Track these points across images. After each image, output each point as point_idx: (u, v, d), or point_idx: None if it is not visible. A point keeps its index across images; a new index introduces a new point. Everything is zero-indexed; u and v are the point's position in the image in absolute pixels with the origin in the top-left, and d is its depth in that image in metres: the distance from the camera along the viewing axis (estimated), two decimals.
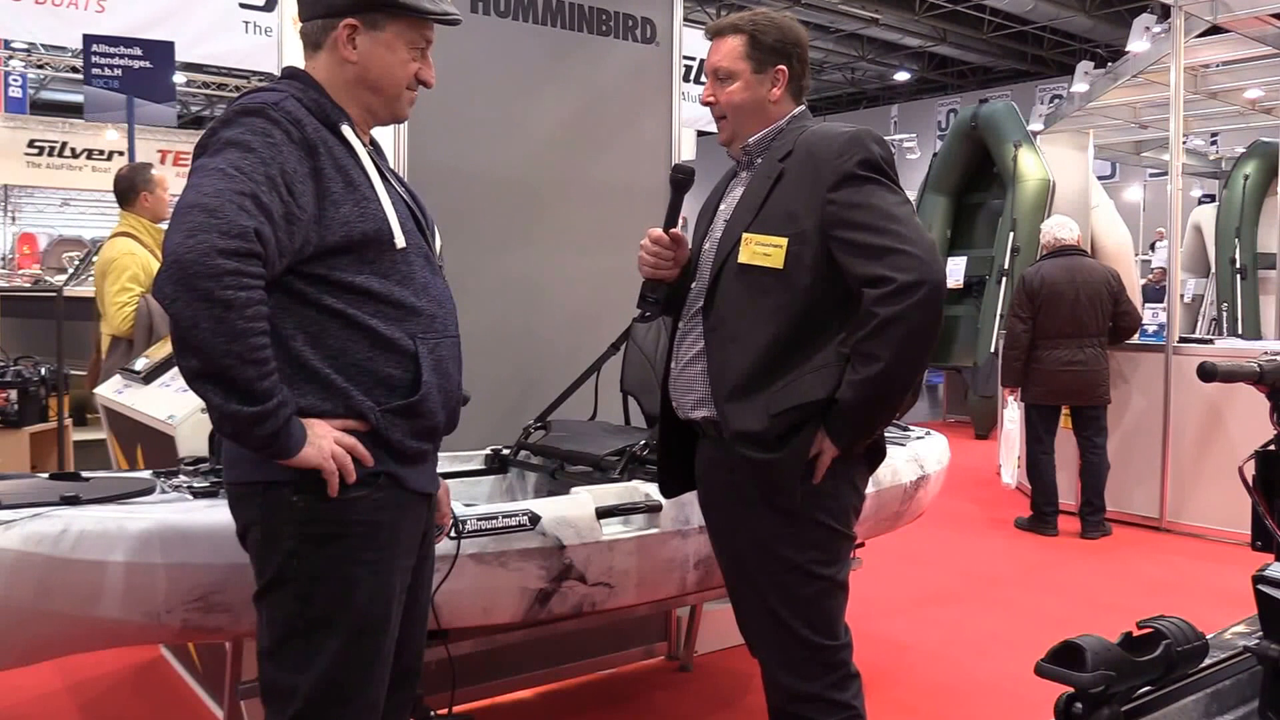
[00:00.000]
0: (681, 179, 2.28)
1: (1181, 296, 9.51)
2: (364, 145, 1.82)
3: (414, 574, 1.91)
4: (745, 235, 2.11)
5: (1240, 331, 10.11)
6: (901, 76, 21.12)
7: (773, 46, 2.19)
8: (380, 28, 1.81)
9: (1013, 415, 6.11)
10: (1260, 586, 1.35)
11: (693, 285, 2.24)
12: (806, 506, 2.08)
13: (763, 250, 2.08)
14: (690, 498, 2.46)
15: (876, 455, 2.22)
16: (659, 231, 2.24)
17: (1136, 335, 6.02)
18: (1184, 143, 9.26)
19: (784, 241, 2.06)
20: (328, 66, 1.82)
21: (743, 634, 2.26)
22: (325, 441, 1.68)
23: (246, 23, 8.72)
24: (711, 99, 2.23)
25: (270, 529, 1.73)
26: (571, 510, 2.48)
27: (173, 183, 5.06)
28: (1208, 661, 1.38)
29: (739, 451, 2.08)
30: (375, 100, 1.86)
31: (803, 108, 2.26)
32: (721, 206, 2.27)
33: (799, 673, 2.11)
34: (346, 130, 1.79)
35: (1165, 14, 6.89)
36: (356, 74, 1.82)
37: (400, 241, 1.78)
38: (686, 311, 2.24)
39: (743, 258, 2.10)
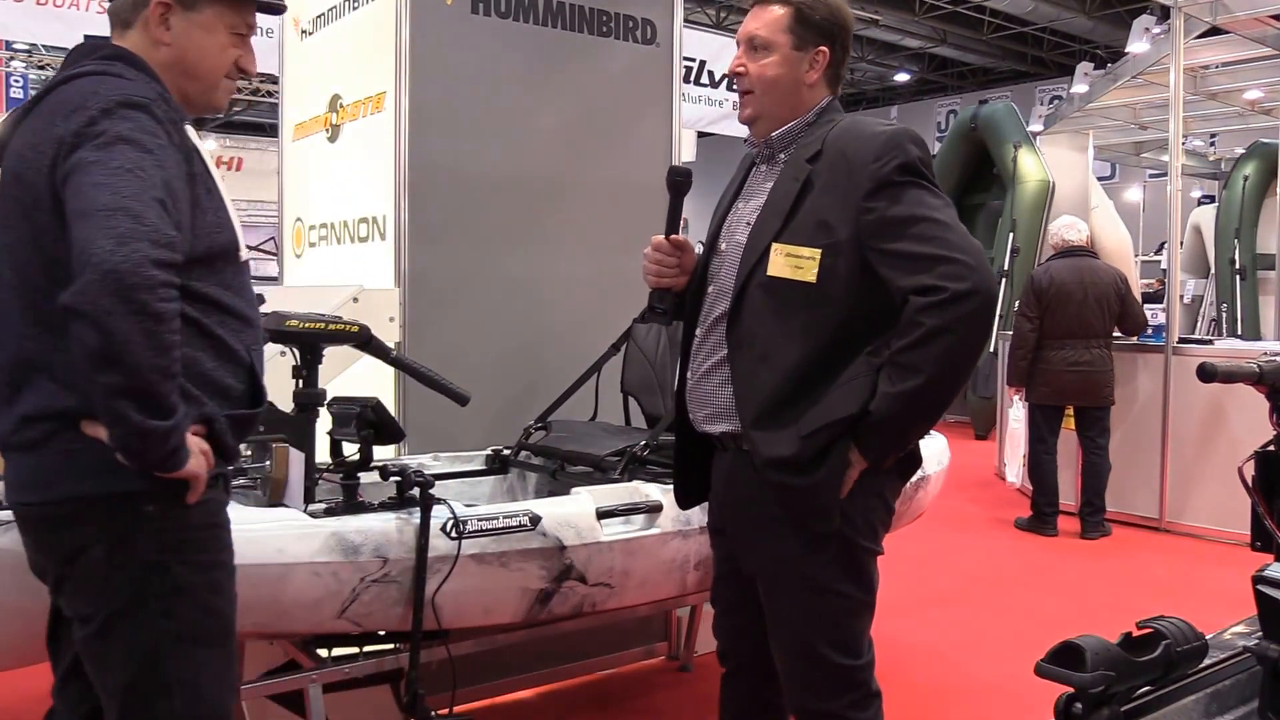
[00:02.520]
0: (680, 181, 2.16)
1: (1181, 297, 9.51)
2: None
3: None
4: (774, 245, 1.95)
5: (1240, 332, 10.12)
6: (901, 78, 21.10)
7: (819, 25, 2.01)
8: (196, 9, 1.72)
9: (1017, 414, 6.11)
10: (1260, 587, 1.36)
11: (709, 290, 2.09)
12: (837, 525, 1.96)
13: (793, 262, 1.93)
14: None
15: (910, 465, 2.08)
16: (660, 239, 2.14)
17: (1136, 336, 6.05)
18: (1183, 144, 9.26)
19: (817, 253, 1.91)
20: (140, 48, 1.70)
21: (721, 636, 2.24)
22: (196, 449, 1.61)
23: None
24: (741, 69, 2.03)
25: (121, 545, 1.60)
26: (572, 510, 2.49)
27: None
28: (1207, 662, 1.38)
29: (771, 479, 1.95)
30: (192, 87, 1.75)
31: (832, 98, 2.08)
32: (739, 204, 2.11)
33: (817, 690, 2.02)
34: (189, 130, 1.69)
35: (1165, 15, 6.89)
36: (172, 57, 1.72)
37: (244, 253, 1.74)
38: (703, 320, 2.09)
39: (772, 270, 1.95)
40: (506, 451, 3.17)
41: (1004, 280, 9.23)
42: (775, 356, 1.95)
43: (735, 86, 2.10)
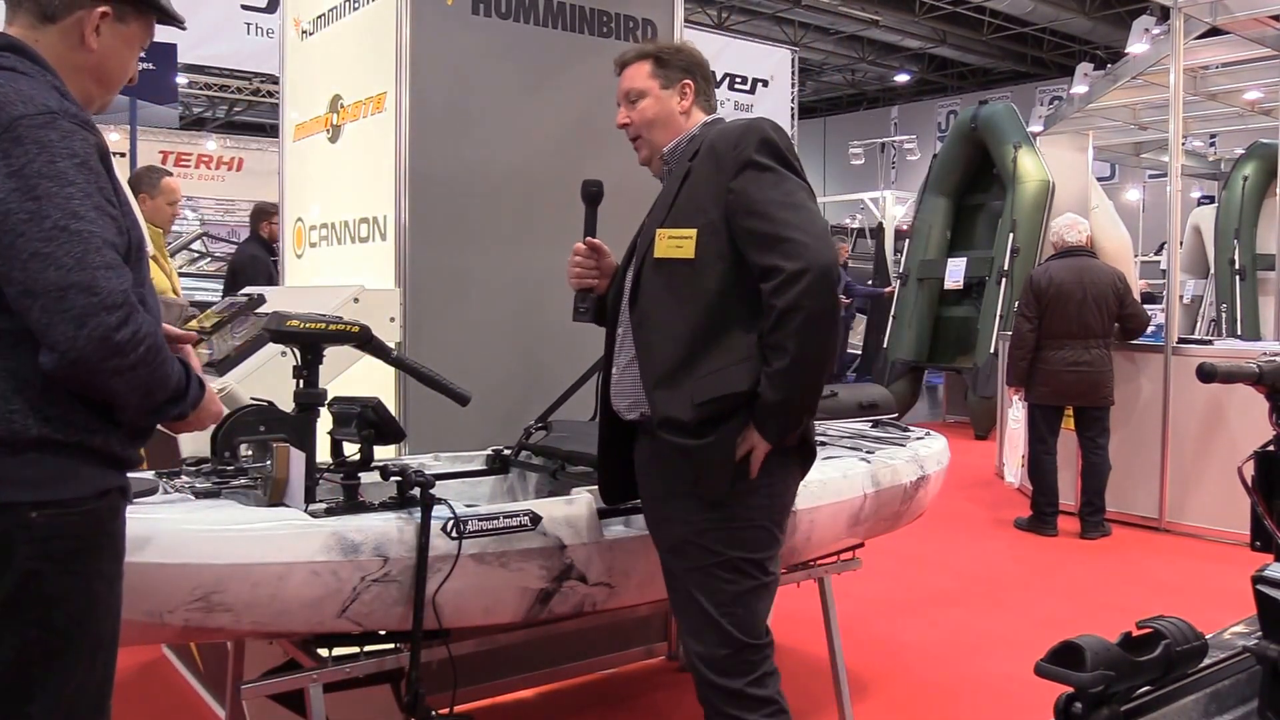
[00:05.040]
0: (594, 192, 2.46)
1: (1181, 297, 9.52)
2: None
3: None
4: (659, 231, 2.21)
5: (1239, 332, 10.13)
6: (902, 78, 21.12)
7: (677, 64, 2.33)
8: (126, 21, 1.73)
9: (1017, 415, 6.11)
10: (1259, 586, 1.36)
11: (626, 293, 2.31)
12: (738, 502, 2.14)
13: (675, 243, 2.17)
14: None
15: (808, 455, 2.27)
16: (580, 244, 2.42)
17: (1137, 338, 6.05)
18: (1183, 144, 9.27)
19: (693, 232, 2.15)
20: (59, 46, 1.66)
21: (680, 630, 2.35)
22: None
23: (248, 24, 8.74)
24: (626, 120, 2.35)
25: (1, 553, 1.54)
26: (572, 510, 2.49)
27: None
28: (1207, 661, 1.38)
29: (665, 438, 2.15)
30: (98, 92, 1.75)
31: (715, 116, 2.36)
32: (651, 215, 2.35)
33: (722, 669, 2.16)
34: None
35: (1164, 16, 6.90)
36: (92, 63, 1.70)
37: (150, 248, 1.75)
38: (620, 319, 2.32)
39: (658, 252, 2.20)
40: (507, 452, 3.17)
41: (1004, 280, 9.24)
42: (667, 327, 2.17)
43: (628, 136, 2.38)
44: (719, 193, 2.13)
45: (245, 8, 8.66)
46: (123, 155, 12.01)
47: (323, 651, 2.33)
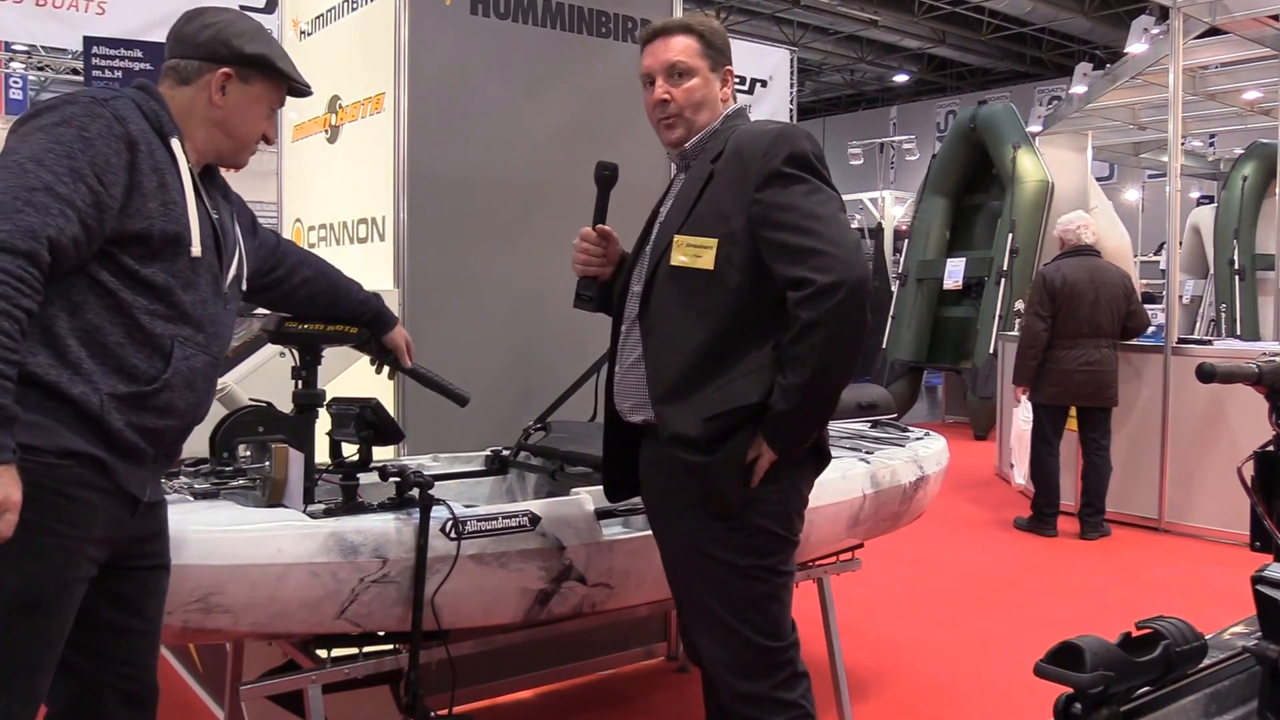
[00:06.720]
0: (607, 175, 2.35)
1: (1180, 298, 9.52)
2: (190, 164, 1.86)
3: (141, 582, 1.86)
4: (677, 237, 2.12)
5: (1239, 332, 10.13)
6: (900, 78, 21.12)
7: (721, 47, 2.23)
8: (250, 82, 1.93)
9: (1025, 415, 6.10)
10: (1259, 587, 1.36)
11: (633, 289, 2.24)
12: (746, 510, 2.07)
13: (693, 251, 2.09)
14: None
15: (821, 459, 2.21)
16: (588, 229, 2.34)
17: (1138, 337, 6.06)
18: (1182, 144, 9.27)
19: (714, 243, 2.06)
20: (194, 103, 1.89)
21: (683, 636, 2.31)
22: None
23: None
24: (667, 95, 2.19)
25: None
26: (571, 511, 2.49)
27: None
28: (1206, 662, 1.39)
29: (674, 453, 2.09)
30: (227, 145, 1.95)
31: (738, 106, 2.28)
32: (662, 209, 2.27)
33: (744, 673, 2.10)
34: (175, 144, 1.83)
35: (1164, 15, 6.90)
36: (219, 118, 1.91)
37: (196, 250, 1.81)
38: (627, 317, 2.24)
39: (674, 260, 2.11)
40: (506, 452, 3.17)
41: (1003, 280, 9.24)
42: (679, 339, 2.09)
43: (658, 114, 2.23)
44: (744, 202, 2.04)
45: (244, 8, 8.65)
46: None
47: (321, 652, 2.33)
